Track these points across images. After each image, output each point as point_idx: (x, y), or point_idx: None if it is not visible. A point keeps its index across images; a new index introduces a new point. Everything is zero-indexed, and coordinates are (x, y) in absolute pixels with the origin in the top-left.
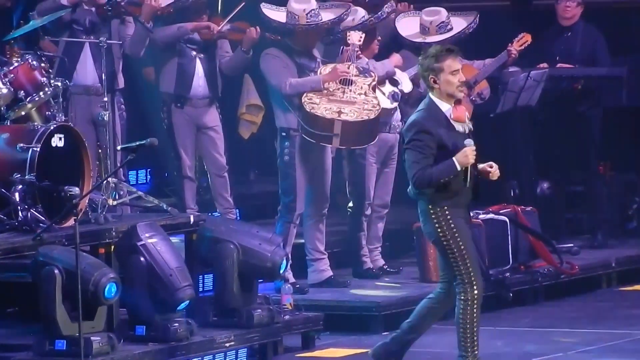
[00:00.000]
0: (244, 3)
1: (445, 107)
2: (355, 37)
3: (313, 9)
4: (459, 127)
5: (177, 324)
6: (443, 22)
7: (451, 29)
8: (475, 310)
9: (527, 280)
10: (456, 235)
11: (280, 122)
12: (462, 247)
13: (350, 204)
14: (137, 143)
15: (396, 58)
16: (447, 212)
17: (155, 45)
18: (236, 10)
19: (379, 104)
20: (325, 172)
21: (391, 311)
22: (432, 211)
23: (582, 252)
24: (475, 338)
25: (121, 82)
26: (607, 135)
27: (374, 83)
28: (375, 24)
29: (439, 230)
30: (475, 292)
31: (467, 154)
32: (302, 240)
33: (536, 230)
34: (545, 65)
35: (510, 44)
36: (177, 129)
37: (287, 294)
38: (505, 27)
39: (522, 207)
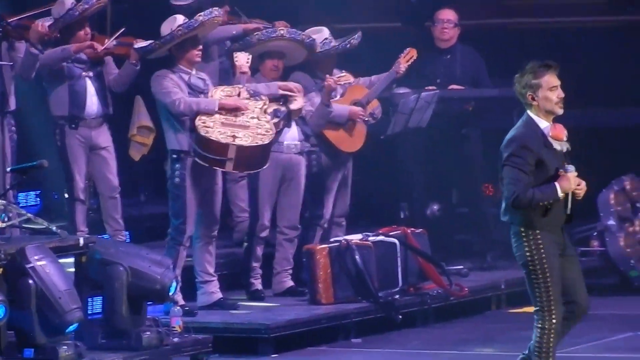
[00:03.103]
0: (124, 29)
1: (543, 124)
2: (242, 59)
3: (180, 24)
4: (556, 145)
5: (65, 347)
6: (326, 38)
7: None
8: (551, 339)
9: (416, 302)
10: (544, 262)
11: (171, 145)
12: (548, 275)
13: None
14: (27, 165)
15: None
16: (539, 237)
17: (42, 69)
18: (119, 33)
19: (272, 129)
20: (215, 195)
21: (280, 333)
22: (524, 234)
23: (471, 274)
24: None
25: (12, 104)
26: (495, 156)
27: (265, 106)
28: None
29: (527, 254)
30: (554, 321)
31: (570, 179)
32: (192, 263)
33: (426, 252)
34: (434, 87)
35: (396, 61)
36: (70, 150)
37: (176, 316)
38: (398, 48)
39: (412, 229)
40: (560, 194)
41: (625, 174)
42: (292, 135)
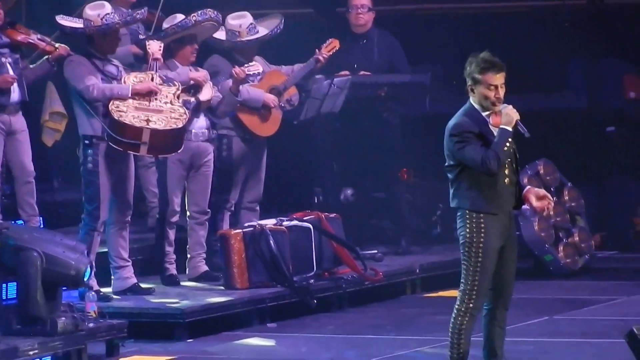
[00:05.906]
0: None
1: (484, 112)
2: (155, 47)
3: (107, 13)
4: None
5: None
6: (251, 23)
7: (258, 31)
8: (465, 321)
9: (331, 287)
10: (480, 246)
11: (83, 130)
12: (480, 260)
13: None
14: None
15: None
16: (482, 221)
17: None
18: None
19: (185, 113)
20: (128, 180)
21: (195, 318)
22: (467, 217)
23: (386, 259)
24: (460, 350)
25: None
26: (410, 141)
27: (178, 92)
28: (176, 32)
29: (467, 235)
30: (471, 305)
31: (508, 112)
32: (106, 249)
33: (340, 237)
34: (347, 72)
35: (318, 50)
36: None
37: (91, 301)
38: (310, 34)
39: (326, 213)
40: (510, 129)
41: (538, 159)
42: (200, 123)
